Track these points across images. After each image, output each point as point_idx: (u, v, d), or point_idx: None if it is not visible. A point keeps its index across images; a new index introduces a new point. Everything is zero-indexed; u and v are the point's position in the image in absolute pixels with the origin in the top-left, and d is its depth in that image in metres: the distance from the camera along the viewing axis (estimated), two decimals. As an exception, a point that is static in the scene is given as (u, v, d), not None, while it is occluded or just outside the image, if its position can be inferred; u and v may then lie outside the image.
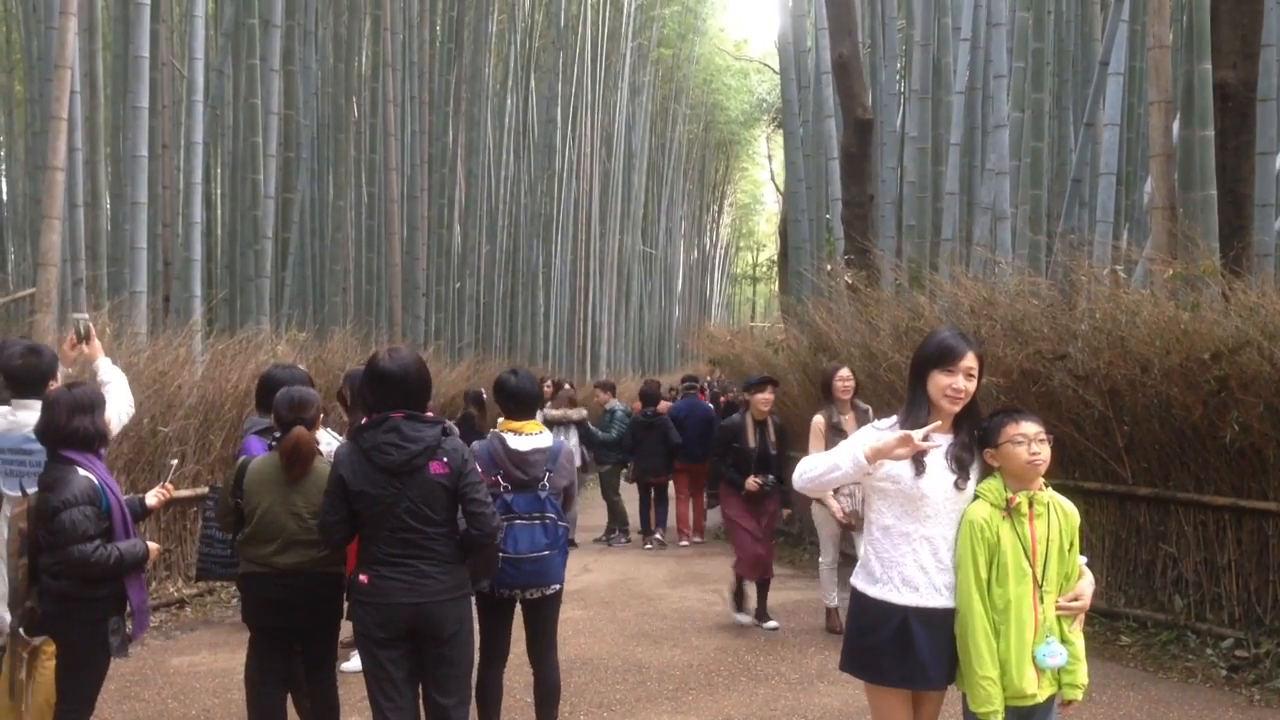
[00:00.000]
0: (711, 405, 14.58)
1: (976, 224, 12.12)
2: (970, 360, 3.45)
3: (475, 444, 5.00)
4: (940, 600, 3.44)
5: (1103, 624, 7.54)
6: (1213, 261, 7.55)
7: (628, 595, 9.52)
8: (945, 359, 3.45)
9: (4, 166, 20.27)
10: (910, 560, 3.46)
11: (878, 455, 3.36)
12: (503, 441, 4.88)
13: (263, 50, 13.65)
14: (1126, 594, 7.67)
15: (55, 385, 4.75)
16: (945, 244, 12.20)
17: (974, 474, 3.49)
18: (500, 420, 5.10)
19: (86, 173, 11.15)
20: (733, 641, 7.75)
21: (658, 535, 12.68)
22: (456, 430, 4.30)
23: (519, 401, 5.01)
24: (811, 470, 3.54)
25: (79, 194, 10.57)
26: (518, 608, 4.98)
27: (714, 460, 8.73)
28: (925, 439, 3.34)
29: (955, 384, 3.43)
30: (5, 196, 18.90)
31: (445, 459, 4.09)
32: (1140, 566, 7.61)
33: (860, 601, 3.57)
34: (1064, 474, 7.63)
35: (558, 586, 4.93)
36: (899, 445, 3.32)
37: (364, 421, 4.18)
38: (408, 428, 4.07)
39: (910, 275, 10.88)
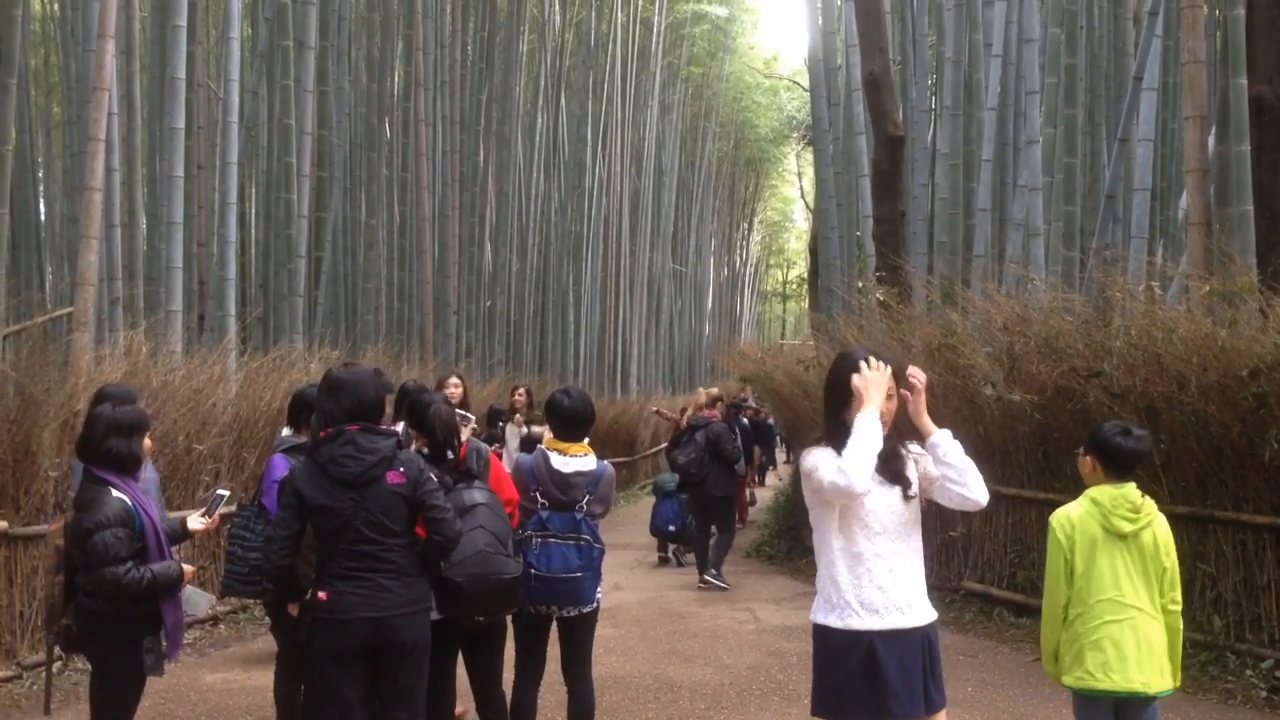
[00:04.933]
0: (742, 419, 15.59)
1: (1009, 240, 12.05)
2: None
3: (522, 457, 5.10)
4: (903, 620, 3.38)
5: (1140, 645, 7.43)
6: (1250, 277, 7.46)
7: (659, 614, 9.50)
8: None
9: (42, 187, 20.49)
10: (867, 581, 3.39)
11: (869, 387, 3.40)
12: (547, 460, 4.89)
13: (297, 71, 13.78)
14: (1165, 614, 7.55)
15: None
16: (977, 260, 12.13)
17: (914, 480, 3.50)
18: (547, 437, 5.11)
19: (123, 193, 11.27)
20: (765, 660, 7.71)
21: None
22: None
23: (568, 424, 5.01)
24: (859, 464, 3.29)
25: (116, 214, 10.68)
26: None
27: None
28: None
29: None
30: (44, 217, 19.10)
31: (402, 469, 4.15)
32: (1178, 586, 7.50)
33: (822, 636, 3.47)
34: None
35: (593, 605, 4.93)
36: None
37: (320, 436, 4.23)
38: (363, 439, 4.13)
39: (942, 292, 10.80)
